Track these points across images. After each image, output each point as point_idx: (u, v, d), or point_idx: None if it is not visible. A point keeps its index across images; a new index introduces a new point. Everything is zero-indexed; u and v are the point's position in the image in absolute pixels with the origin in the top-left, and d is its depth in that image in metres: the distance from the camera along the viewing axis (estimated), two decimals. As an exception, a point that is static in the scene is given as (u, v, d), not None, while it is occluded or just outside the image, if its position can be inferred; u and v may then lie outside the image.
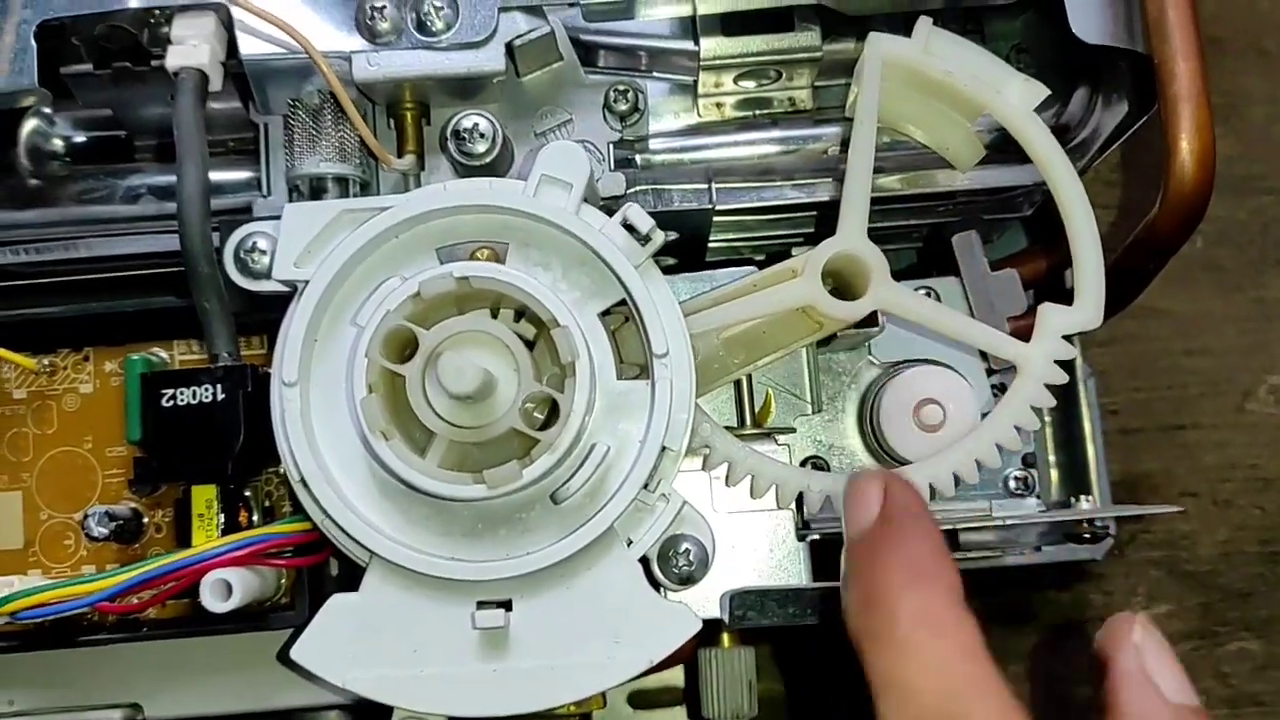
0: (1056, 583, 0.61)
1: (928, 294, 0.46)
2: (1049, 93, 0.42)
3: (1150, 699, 0.34)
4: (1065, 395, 0.54)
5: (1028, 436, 0.45)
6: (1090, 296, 0.39)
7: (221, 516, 0.40)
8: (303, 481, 0.37)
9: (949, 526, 0.42)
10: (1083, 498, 0.49)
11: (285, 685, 0.43)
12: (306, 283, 0.38)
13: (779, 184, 0.46)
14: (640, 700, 0.60)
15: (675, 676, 0.59)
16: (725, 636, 0.50)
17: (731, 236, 0.50)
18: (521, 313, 0.39)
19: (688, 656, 0.53)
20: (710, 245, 0.50)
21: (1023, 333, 0.45)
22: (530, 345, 0.38)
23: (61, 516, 0.42)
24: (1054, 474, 0.56)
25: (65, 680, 0.43)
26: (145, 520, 0.42)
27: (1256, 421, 0.62)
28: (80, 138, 0.47)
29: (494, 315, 0.38)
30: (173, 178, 0.44)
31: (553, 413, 0.38)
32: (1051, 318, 0.40)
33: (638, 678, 0.55)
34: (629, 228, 0.38)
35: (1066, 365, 0.50)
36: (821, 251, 0.40)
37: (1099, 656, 0.36)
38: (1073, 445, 0.55)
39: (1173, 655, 0.35)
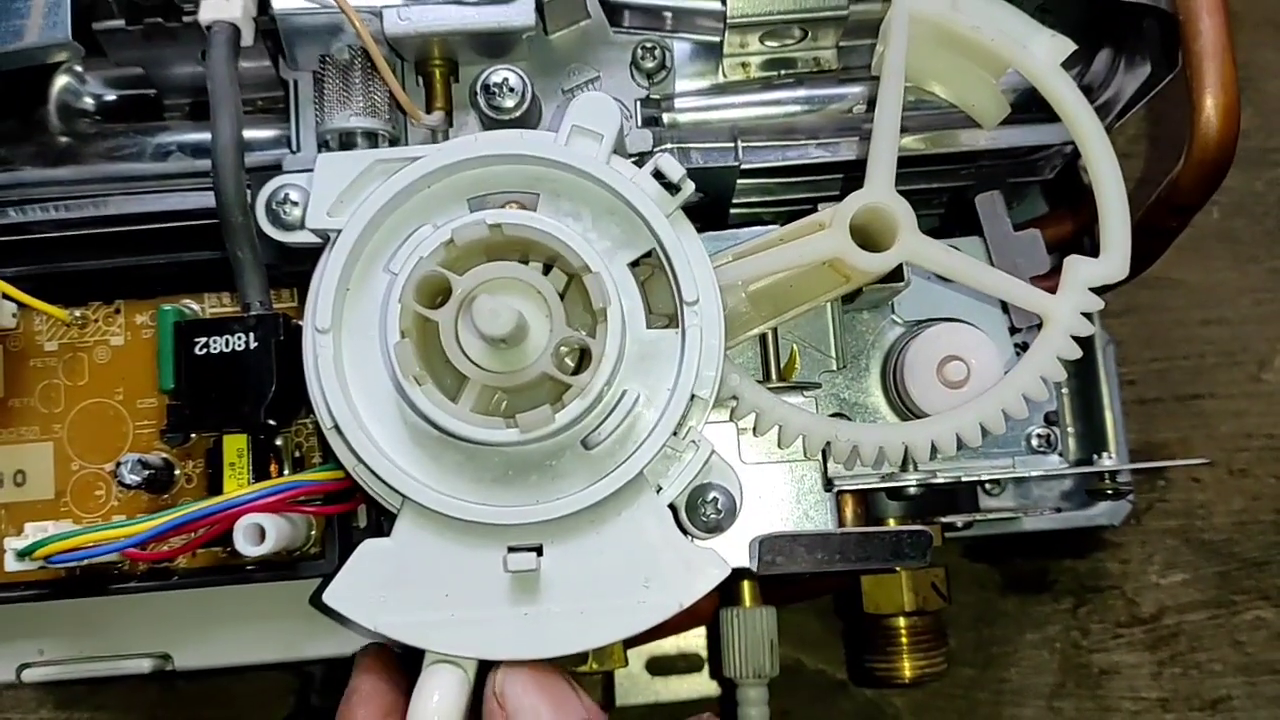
0: (1074, 551, 0.62)
1: (951, 252, 0.46)
2: (1075, 47, 0.42)
3: None
4: (1084, 364, 0.55)
5: (1052, 391, 0.46)
6: (1116, 248, 0.40)
7: (252, 467, 0.41)
8: (336, 428, 0.38)
9: (973, 479, 0.42)
10: (1104, 454, 0.49)
11: (314, 635, 0.43)
12: (339, 232, 0.38)
13: (803, 143, 0.46)
14: (658, 667, 0.60)
15: (693, 643, 0.59)
16: (747, 597, 0.50)
17: (754, 200, 0.50)
18: (550, 265, 0.39)
19: (709, 618, 0.54)
20: (732, 210, 0.50)
21: (1046, 288, 0.46)
22: (560, 298, 0.38)
23: (93, 467, 0.42)
24: (1072, 443, 0.56)
25: (95, 629, 0.43)
26: (176, 471, 0.42)
27: (1273, 390, 0.62)
28: (111, 96, 0.47)
29: (523, 266, 0.39)
30: (203, 135, 0.45)
31: (583, 361, 0.38)
32: (1079, 269, 0.40)
33: (657, 636, 0.56)
34: (659, 177, 0.38)
35: (1085, 341, 0.51)
36: (849, 204, 0.40)
37: None
38: (1091, 413, 0.56)
39: (532, 692, 0.38)
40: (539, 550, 0.38)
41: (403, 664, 0.41)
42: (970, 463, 0.45)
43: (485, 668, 0.38)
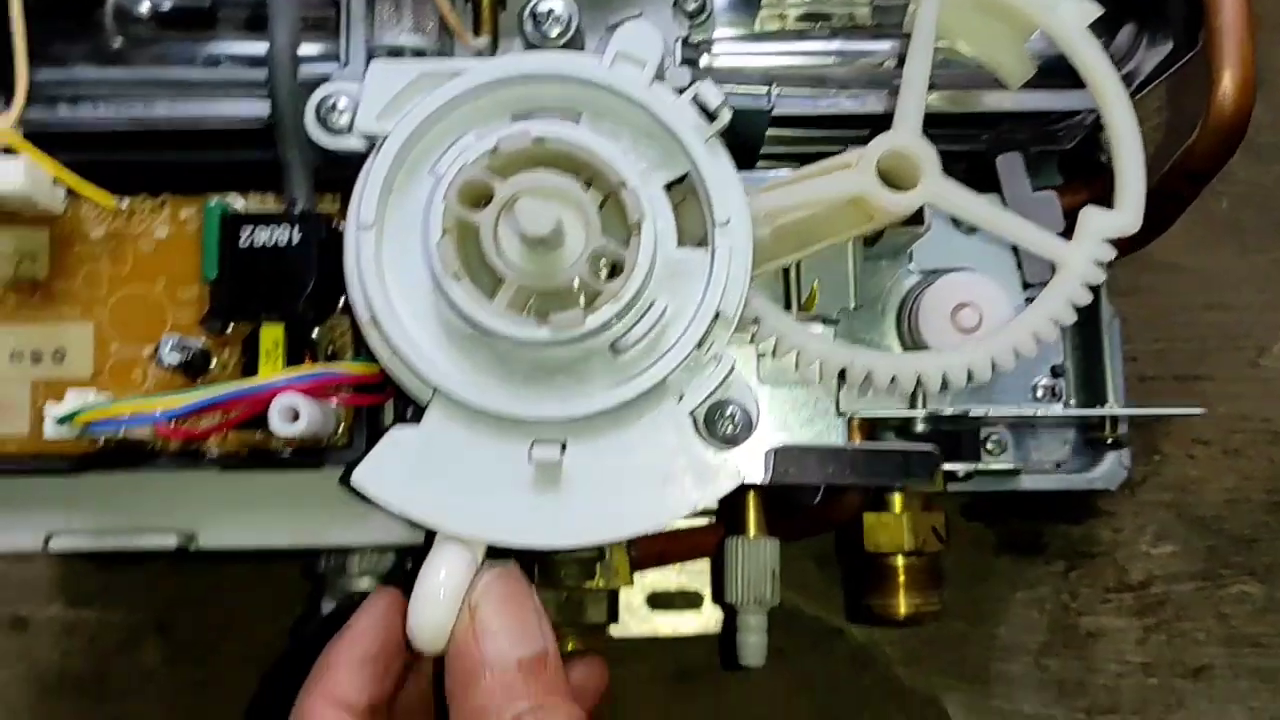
0: (1069, 517, 0.63)
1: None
2: (1102, 10, 0.43)
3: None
4: (1090, 336, 0.56)
5: (1060, 341, 0.47)
6: (1131, 201, 0.41)
7: (287, 357, 0.42)
8: (374, 320, 0.39)
9: (980, 412, 0.44)
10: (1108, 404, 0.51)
11: (336, 523, 0.45)
12: (386, 136, 0.40)
13: (834, 93, 0.47)
14: (659, 601, 0.62)
15: (695, 581, 0.61)
16: (752, 527, 0.52)
17: (780, 151, 0.52)
18: (588, 184, 0.41)
19: (712, 551, 0.56)
20: (759, 161, 0.52)
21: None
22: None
23: (131, 350, 0.43)
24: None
25: (123, 505, 0.45)
26: (213, 360, 0.43)
27: (1270, 377, 0.64)
28: (166, 4, 0.48)
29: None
30: (253, 47, 0.47)
31: (614, 276, 0.40)
32: (1094, 219, 0.41)
33: (662, 562, 0.57)
34: (699, 105, 0.40)
35: (1092, 313, 0.52)
36: (877, 144, 0.41)
37: None
38: (1094, 386, 0.57)
39: (505, 609, 0.40)
40: (563, 446, 0.39)
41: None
42: (977, 408, 0.46)
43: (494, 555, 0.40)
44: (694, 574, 0.62)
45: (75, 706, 0.62)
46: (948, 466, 0.51)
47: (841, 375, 0.42)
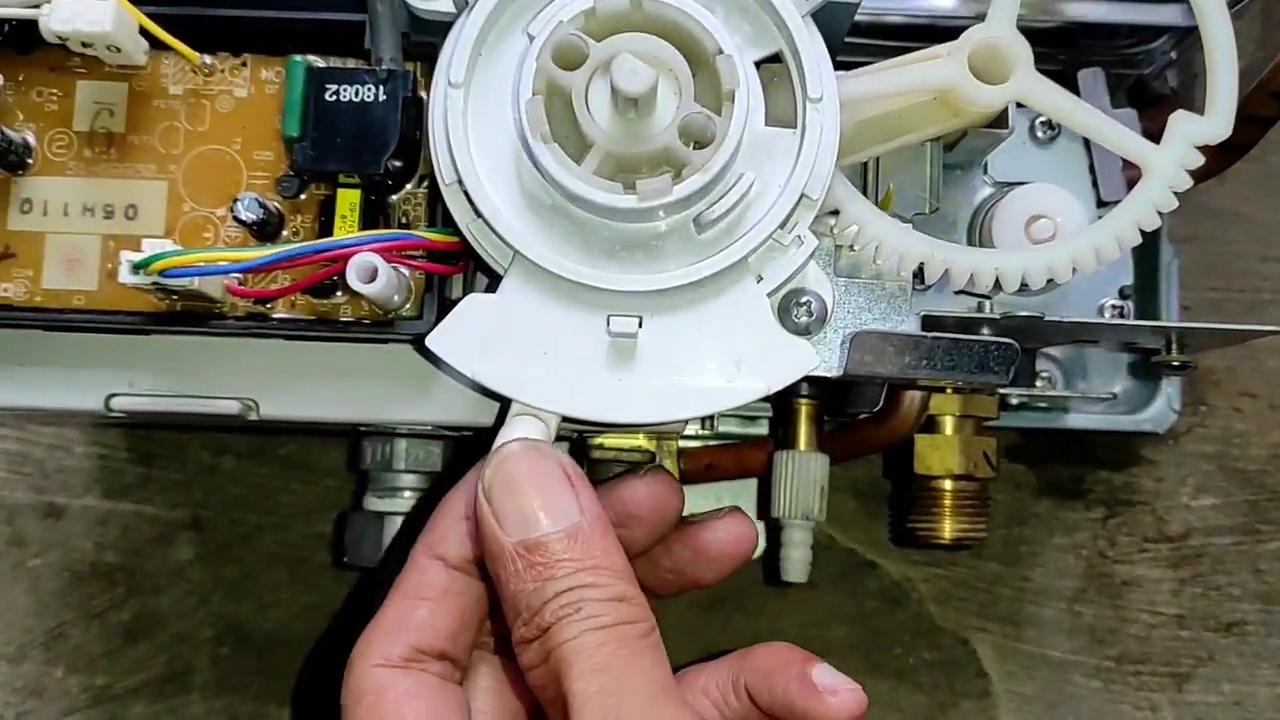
0: (1111, 464, 0.63)
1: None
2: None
3: None
4: (1149, 276, 0.56)
5: (1127, 261, 0.47)
6: (1222, 108, 0.41)
7: (362, 222, 0.42)
8: (459, 181, 0.39)
9: (1054, 319, 0.44)
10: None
11: (399, 399, 0.44)
12: (479, -2, 0.40)
13: (922, -6, 0.47)
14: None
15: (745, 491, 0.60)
16: (803, 440, 0.52)
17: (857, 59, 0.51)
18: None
19: (760, 470, 0.55)
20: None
21: (1131, 180, 0.47)
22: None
23: (204, 210, 0.43)
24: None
25: (186, 369, 0.44)
26: (286, 226, 0.43)
27: (1323, 334, 0.64)
28: None
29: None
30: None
31: (701, 149, 0.39)
32: (1183, 125, 0.41)
33: (713, 477, 0.57)
34: (797, -21, 0.40)
35: (1153, 248, 0.52)
36: (969, 35, 0.41)
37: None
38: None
39: (522, 488, 0.38)
40: (640, 321, 0.39)
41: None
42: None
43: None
44: (737, 496, 0.61)
45: (106, 597, 0.62)
46: (1003, 390, 0.51)
47: (919, 272, 0.42)
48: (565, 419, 0.40)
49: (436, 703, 0.39)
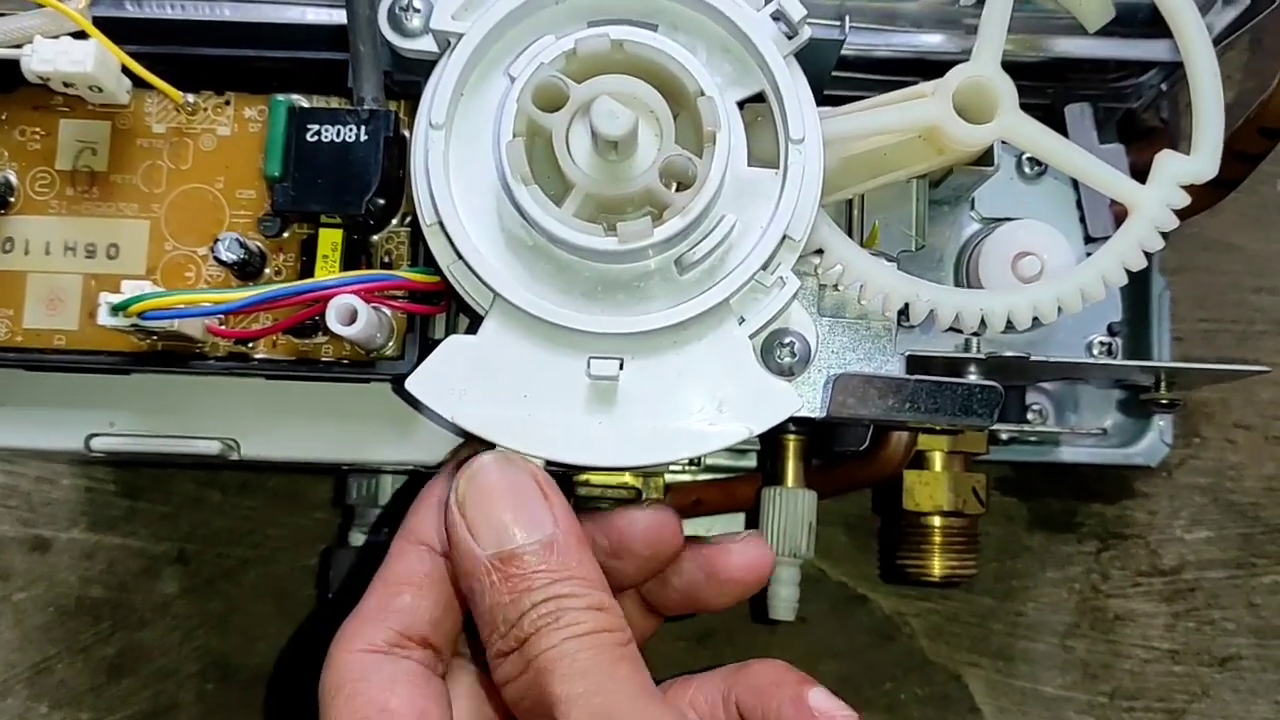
0: (1104, 497, 0.63)
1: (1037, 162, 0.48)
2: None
3: None
4: (1139, 309, 0.56)
5: (1118, 298, 0.47)
6: (1208, 148, 0.41)
7: (344, 262, 0.42)
8: (439, 223, 0.39)
9: (1039, 359, 0.43)
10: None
11: (379, 440, 0.44)
12: (461, 36, 0.39)
13: (907, 29, 0.47)
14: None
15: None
16: (790, 477, 0.51)
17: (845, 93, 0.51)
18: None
19: (749, 504, 0.55)
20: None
21: (1119, 215, 0.47)
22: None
23: (186, 249, 0.43)
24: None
25: (167, 408, 0.44)
26: (268, 265, 0.42)
27: (1316, 366, 0.64)
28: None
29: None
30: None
31: (683, 190, 0.39)
32: (1169, 164, 0.41)
33: (699, 513, 0.56)
34: (781, 19, 0.39)
35: (1144, 284, 0.52)
36: (954, 75, 0.41)
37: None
38: (1142, 357, 0.56)
39: (492, 500, 0.37)
40: (620, 363, 0.39)
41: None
42: (1036, 355, 0.46)
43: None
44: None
45: (91, 631, 0.61)
46: (993, 426, 0.50)
47: (904, 311, 0.41)
48: (546, 461, 0.39)
49: (419, 692, 0.38)
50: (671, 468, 0.55)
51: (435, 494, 0.40)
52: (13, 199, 0.43)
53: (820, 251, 0.41)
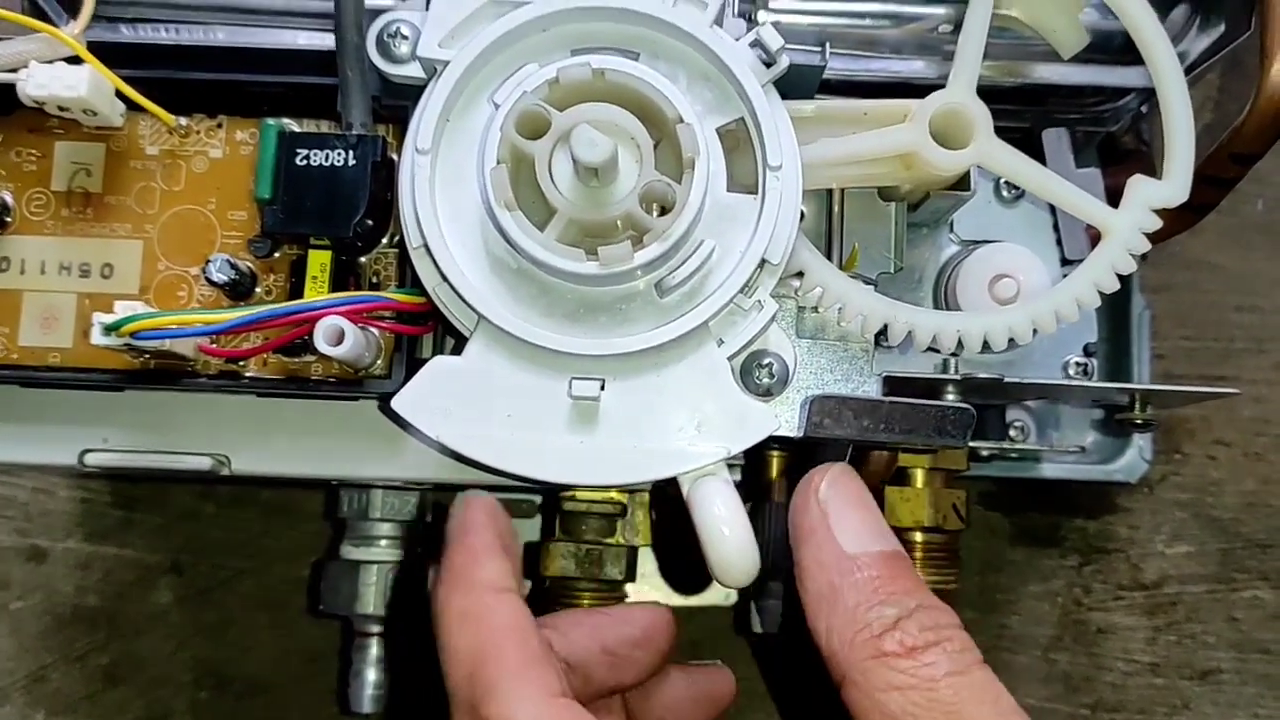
0: (1086, 512, 0.63)
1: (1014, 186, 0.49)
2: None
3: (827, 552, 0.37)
4: (1119, 327, 0.56)
5: (1094, 320, 0.48)
6: (1180, 172, 0.42)
7: (332, 283, 0.42)
8: (424, 246, 0.40)
9: (1014, 380, 0.44)
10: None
11: (369, 456, 0.45)
12: (447, 63, 0.40)
13: (886, 56, 0.48)
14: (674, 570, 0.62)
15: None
16: (774, 491, 0.52)
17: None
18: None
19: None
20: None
21: (1095, 238, 0.48)
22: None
23: (178, 269, 0.44)
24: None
25: (159, 425, 0.45)
26: (259, 285, 0.43)
27: (1296, 382, 0.64)
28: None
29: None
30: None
31: (664, 215, 0.40)
32: (1141, 189, 0.42)
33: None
34: (760, 48, 0.40)
35: (1123, 304, 0.53)
36: (931, 100, 0.42)
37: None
38: (1121, 376, 0.57)
39: (860, 505, 0.38)
40: (602, 384, 0.39)
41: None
42: (1010, 378, 0.46)
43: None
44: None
45: (87, 640, 0.62)
46: (972, 444, 0.51)
47: (882, 332, 0.42)
48: (530, 479, 0.40)
49: None
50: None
51: (487, 536, 0.39)
52: (9, 219, 0.44)
53: (800, 274, 0.42)
